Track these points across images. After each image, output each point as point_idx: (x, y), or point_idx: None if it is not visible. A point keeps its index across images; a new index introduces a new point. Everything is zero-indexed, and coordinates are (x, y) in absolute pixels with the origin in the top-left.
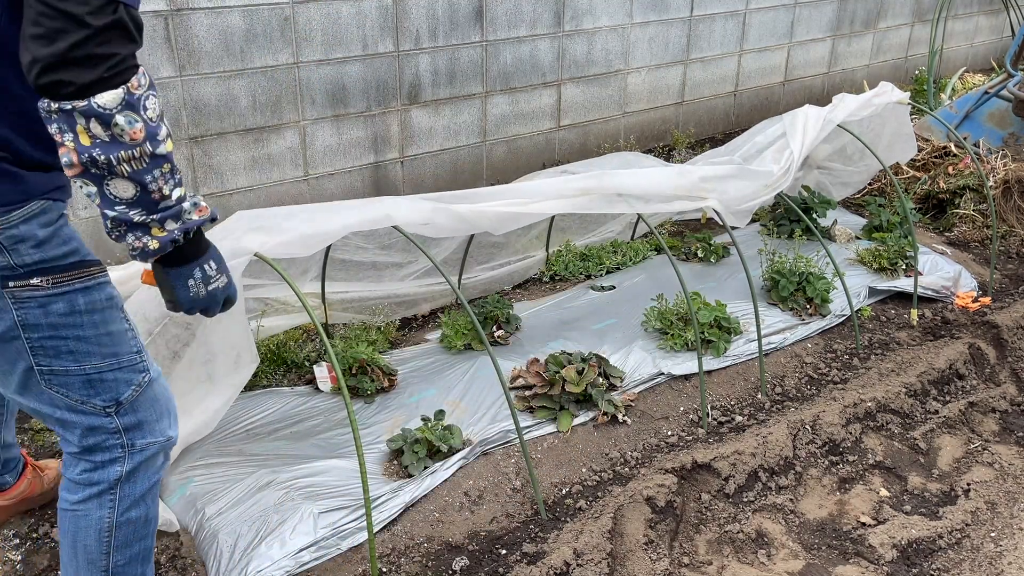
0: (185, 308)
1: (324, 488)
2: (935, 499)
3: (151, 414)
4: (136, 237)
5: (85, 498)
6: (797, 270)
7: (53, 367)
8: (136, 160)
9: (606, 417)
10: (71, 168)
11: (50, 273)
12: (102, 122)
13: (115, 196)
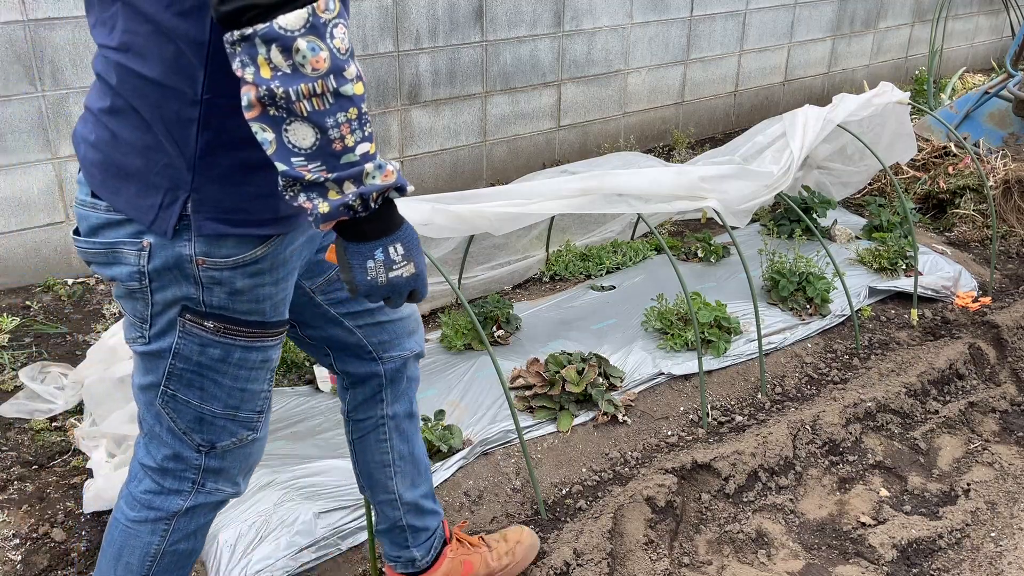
0: (363, 293)
1: (324, 488)
2: (935, 499)
3: (235, 466)
4: (308, 198)
5: (141, 520)
6: (797, 270)
7: (177, 395)
8: (318, 97)
9: (606, 417)
10: (250, 109)
11: (225, 322)
12: (283, 47)
13: (293, 145)
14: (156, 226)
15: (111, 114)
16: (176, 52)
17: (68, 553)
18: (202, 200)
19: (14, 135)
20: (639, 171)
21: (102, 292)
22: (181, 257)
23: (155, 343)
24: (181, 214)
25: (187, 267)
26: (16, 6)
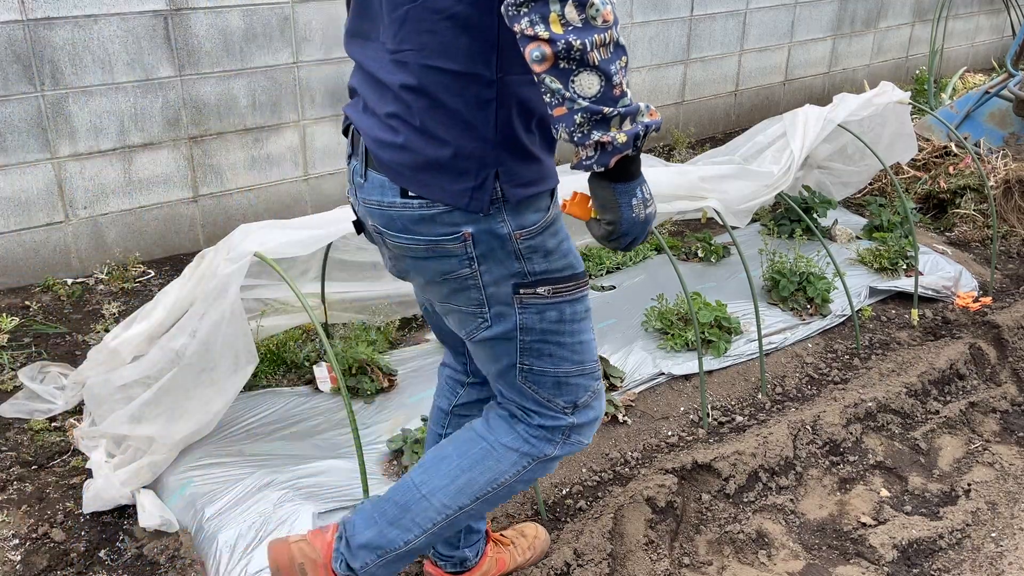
0: (624, 230)
1: (324, 488)
2: (936, 499)
3: (591, 418)
4: (603, 133)
5: (509, 448)
6: (797, 270)
7: (533, 367)
8: (605, 47)
9: (606, 417)
10: (542, 63)
11: (551, 283)
12: (578, 3)
13: (578, 94)
14: (472, 206)
15: (417, 112)
16: (470, 40)
17: (68, 553)
18: (505, 172)
19: (13, 135)
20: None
21: (101, 292)
22: (501, 236)
23: (498, 326)
24: (492, 190)
25: (508, 244)
26: (16, 6)
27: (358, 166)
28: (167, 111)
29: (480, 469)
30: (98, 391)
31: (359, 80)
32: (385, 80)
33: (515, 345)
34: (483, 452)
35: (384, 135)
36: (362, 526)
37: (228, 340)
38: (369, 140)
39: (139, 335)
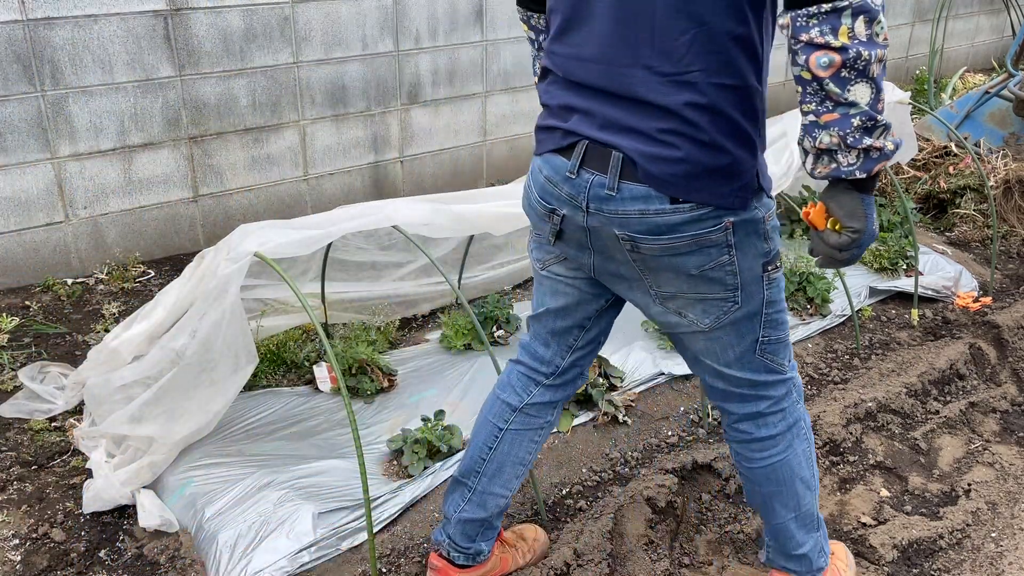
0: (864, 240)
1: (324, 488)
2: (936, 499)
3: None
4: (873, 139)
5: (789, 444)
6: (797, 270)
7: (770, 337)
8: (880, 63)
9: (606, 417)
10: (827, 69)
11: (778, 257)
12: (869, 19)
13: (854, 101)
14: (738, 203)
15: (705, 127)
16: (747, 58)
17: (68, 553)
18: (760, 169)
19: (13, 135)
20: None
21: (101, 292)
22: (756, 220)
23: (747, 305)
24: (753, 185)
25: (760, 227)
26: (16, 6)
27: (606, 180)
28: (167, 111)
29: (798, 470)
30: (98, 391)
31: (589, 100)
32: (657, 101)
33: (760, 320)
34: (783, 464)
35: (658, 150)
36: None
37: (228, 340)
38: (636, 155)
39: (139, 335)
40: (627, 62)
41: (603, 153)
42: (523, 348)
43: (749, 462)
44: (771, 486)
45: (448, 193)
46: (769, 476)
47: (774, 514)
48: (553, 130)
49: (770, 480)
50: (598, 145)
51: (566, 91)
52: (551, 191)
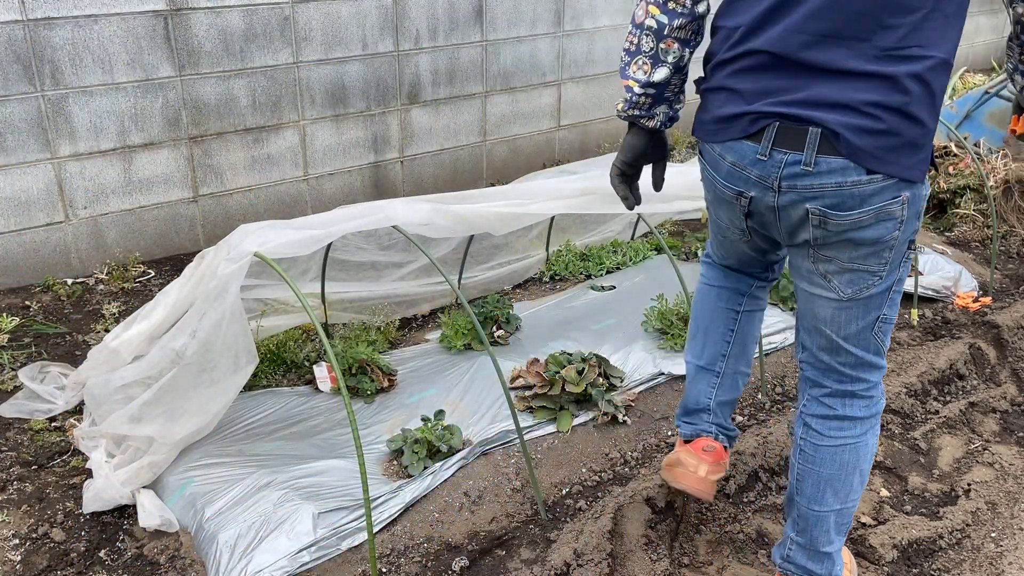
0: None
1: (324, 488)
2: (935, 499)
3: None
4: None
5: (866, 430)
6: None
7: (887, 317)
8: None
9: (606, 417)
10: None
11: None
12: None
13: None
14: (919, 176)
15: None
16: (956, 32)
17: (68, 553)
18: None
19: (13, 135)
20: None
21: (101, 292)
22: (922, 197)
23: (885, 281)
24: (929, 160)
25: (921, 205)
26: (16, 6)
27: (801, 156)
28: (167, 111)
29: (862, 461)
30: (98, 391)
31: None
32: (872, 72)
33: (887, 297)
34: (854, 451)
35: (863, 122)
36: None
37: (228, 340)
38: (841, 128)
39: (139, 335)
40: (848, 35)
41: (798, 131)
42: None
43: (820, 439)
44: (832, 469)
45: (448, 193)
46: (835, 457)
47: (821, 501)
48: (738, 117)
49: (834, 462)
50: (791, 123)
51: (761, 73)
52: (738, 175)
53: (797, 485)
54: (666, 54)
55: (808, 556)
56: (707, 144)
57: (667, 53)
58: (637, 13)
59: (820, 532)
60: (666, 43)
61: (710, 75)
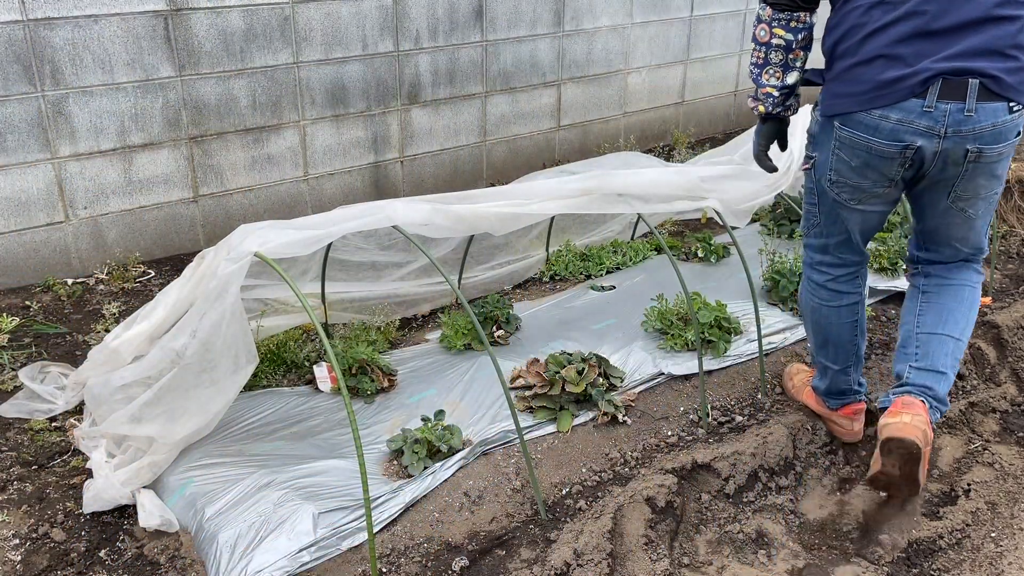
0: None
1: (324, 488)
2: (935, 499)
3: None
4: None
5: (978, 285)
6: (797, 270)
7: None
8: None
9: (606, 417)
10: None
11: None
12: None
13: None
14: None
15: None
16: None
17: (68, 553)
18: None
19: (13, 135)
20: (639, 171)
21: (101, 292)
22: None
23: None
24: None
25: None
26: (16, 6)
27: (963, 105)
28: (167, 111)
29: (975, 306)
30: (98, 391)
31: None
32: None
33: (995, 201)
34: (972, 293)
35: (1008, 64)
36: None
37: (228, 340)
38: (998, 72)
39: (140, 335)
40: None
41: (958, 83)
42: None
43: (943, 281)
44: (953, 302)
45: (449, 193)
46: (956, 293)
47: (943, 326)
48: (899, 80)
49: (954, 296)
50: (951, 77)
51: (918, 40)
52: (905, 129)
53: (917, 321)
54: (795, 61)
55: (926, 375)
56: (861, 112)
57: (796, 60)
58: (759, 34)
59: (939, 354)
60: (794, 53)
61: (856, 49)
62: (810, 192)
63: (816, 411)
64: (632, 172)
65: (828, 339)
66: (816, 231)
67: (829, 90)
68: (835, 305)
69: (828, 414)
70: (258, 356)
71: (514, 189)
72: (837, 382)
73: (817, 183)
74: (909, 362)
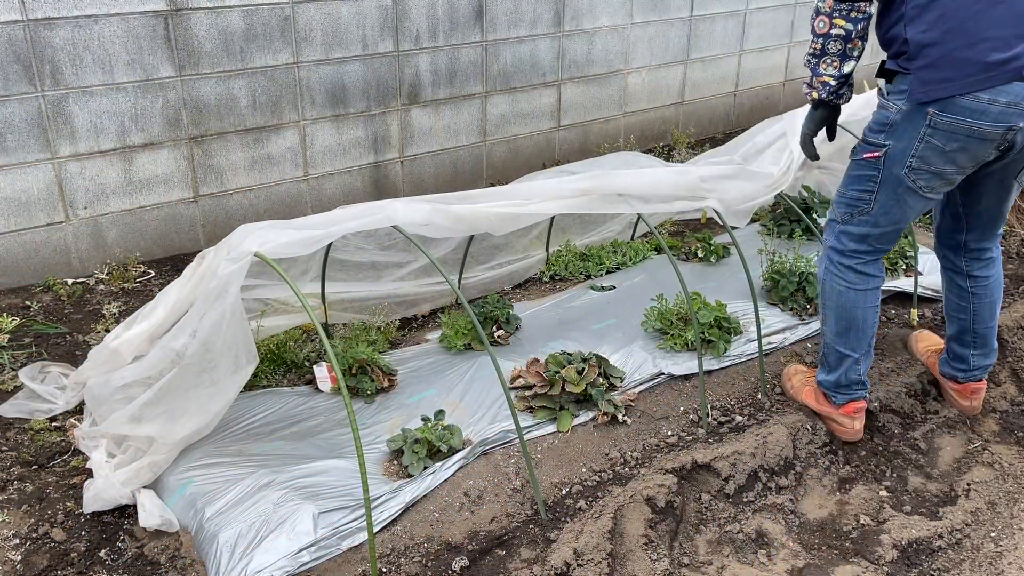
0: None
1: (324, 488)
2: (935, 499)
3: None
4: None
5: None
6: (797, 270)
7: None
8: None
9: (606, 417)
10: None
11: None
12: None
13: None
14: None
15: None
16: None
17: (68, 553)
18: None
19: (14, 135)
20: (640, 171)
21: (102, 292)
22: None
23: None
24: None
25: None
26: (16, 6)
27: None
28: (167, 111)
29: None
30: (98, 391)
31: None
32: None
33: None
34: (1000, 282)
35: None
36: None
37: (228, 340)
38: None
39: (140, 335)
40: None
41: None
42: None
43: (986, 280)
44: (997, 294)
45: (449, 193)
46: (997, 286)
47: (993, 317)
48: (1005, 63)
49: (997, 289)
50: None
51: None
52: (1012, 112)
53: (975, 317)
54: (852, 51)
55: (985, 356)
56: (965, 96)
57: (854, 50)
58: (819, 25)
59: (992, 338)
60: (852, 43)
61: (957, 34)
62: (866, 180)
63: (817, 410)
64: (632, 172)
65: (852, 324)
66: (862, 219)
67: (921, 77)
68: (862, 288)
69: (830, 412)
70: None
71: (515, 189)
72: (850, 373)
73: (885, 171)
74: (970, 351)
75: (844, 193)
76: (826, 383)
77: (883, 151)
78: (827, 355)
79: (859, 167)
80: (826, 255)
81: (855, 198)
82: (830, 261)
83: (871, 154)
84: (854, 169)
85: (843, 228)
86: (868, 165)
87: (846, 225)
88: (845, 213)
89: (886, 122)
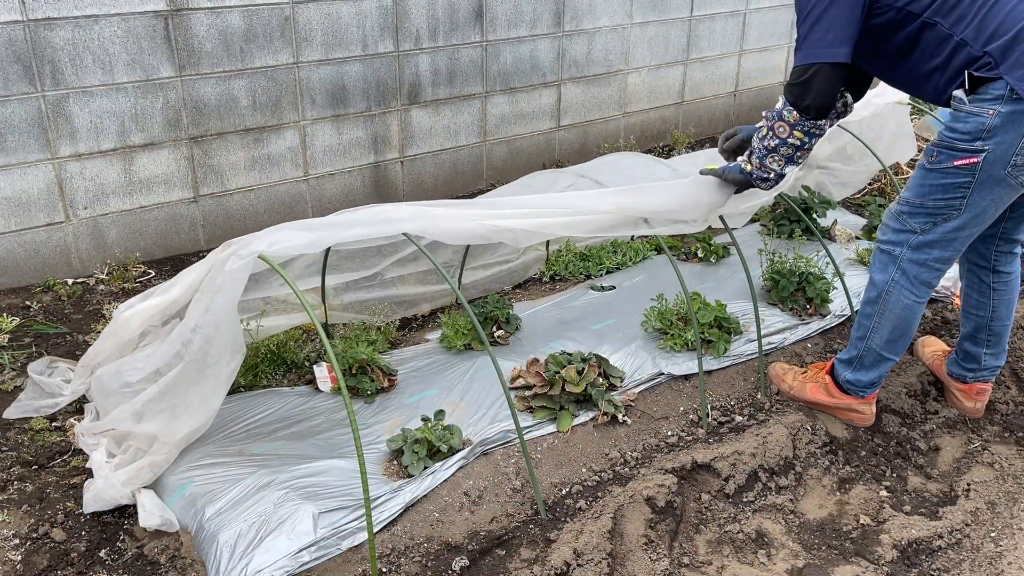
0: None
1: (324, 488)
2: (935, 499)
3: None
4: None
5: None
6: (797, 270)
7: None
8: None
9: (606, 417)
10: None
11: None
12: None
13: None
14: None
15: None
16: None
17: (68, 553)
18: None
19: (14, 135)
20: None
21: (102, 292)
22: None
23: None
24: None
25: None
26: (16, 6)
27: None
28: (167, 111)
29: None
30: (107, 381)
31: None
32: None
33: None
34: (1016, 283)
35: None
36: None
37: (226, 337)
38: None
39: (153, 307)
40: None
41: None
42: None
43: (1007, 276)
44: (1015, 292)
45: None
46: (1016, 283)
47: (1010, 316)
48: None
49: (1016, 286)
50: None
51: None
52: None
53: (992, 315)
54: (799, 159)
55: (996, 357)
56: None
57: (800, 159)
58: (779, 130)
59: (1005, 337)
60: (802, 153)
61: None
62: (956, 188)
63: (830, 403)
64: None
65: (904, 333)
66: (948, 226)
67: (1016, 76)
68: (923, 300)
69: (850, 402)
70: (258, 356)
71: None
72: (883, 372)
73: (983, 174)
74: (982, 350)
75: (923, 204)
76: (859, 382)
77: (981, 156)
78: (865, 356)
79: (946, 175)
80: (900, 268)
81: (940, 207)
82: (903, 274)
83: (966, 160)
84: (938, 178)
85: (923, 239)
86: (960, 172)
87: (927, 235)
88: (926, 223)
89: (983, 128)
